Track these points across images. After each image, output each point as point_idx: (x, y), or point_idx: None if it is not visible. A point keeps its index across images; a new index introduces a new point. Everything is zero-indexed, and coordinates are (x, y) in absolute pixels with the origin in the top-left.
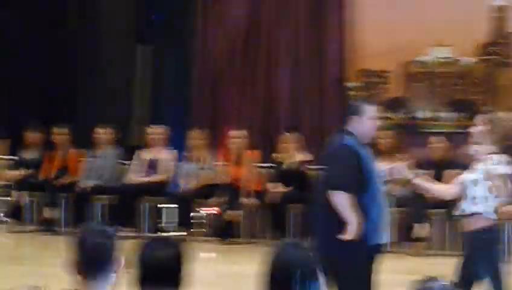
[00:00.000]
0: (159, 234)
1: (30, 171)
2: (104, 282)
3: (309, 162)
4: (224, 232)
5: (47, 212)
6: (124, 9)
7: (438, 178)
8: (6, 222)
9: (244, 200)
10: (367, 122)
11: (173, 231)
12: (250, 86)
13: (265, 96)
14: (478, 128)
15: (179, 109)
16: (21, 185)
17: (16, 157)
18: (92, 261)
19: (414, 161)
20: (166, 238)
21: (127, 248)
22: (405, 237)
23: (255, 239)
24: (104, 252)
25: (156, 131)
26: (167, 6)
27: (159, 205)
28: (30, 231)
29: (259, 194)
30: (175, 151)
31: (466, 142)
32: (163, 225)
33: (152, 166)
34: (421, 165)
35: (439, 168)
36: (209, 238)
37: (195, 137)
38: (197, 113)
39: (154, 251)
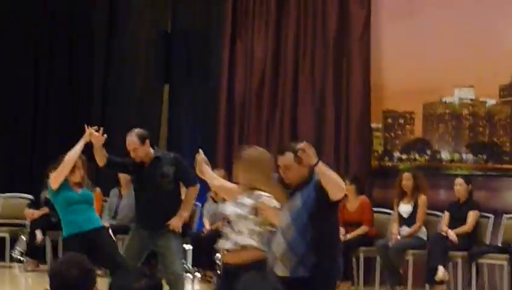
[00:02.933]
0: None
1: (49, 210)
2: None
3: None
4: None
5: None
6: (147, 48)
7: (462, 219)
8: (23, 261)
9: None
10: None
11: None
12: (274, 125)
13: (289, 135)
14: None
15: (203, 148)
16: (40, 224)
17: (33, 197)
18: None
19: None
20: (141, 269)
21: None
22: (427, 279)
23: None
24: (77, 283)
25: None
26: (190, 45)
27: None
28: (47, 270)
29: None
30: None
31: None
32: (186, 265)
33: None
34: (445, 206)
35: (462, 209)
36: None
37: (219, 176)
38: (221, 152)
39: (128, 282)
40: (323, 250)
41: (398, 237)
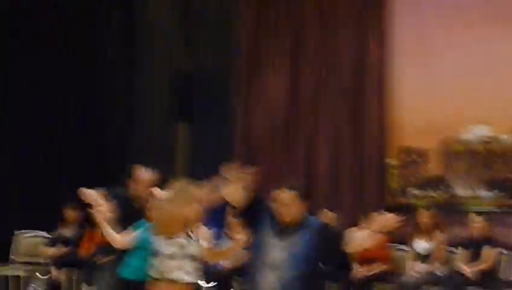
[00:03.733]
0: None
1: (68, 248)
2: None
3: None
4: None
5: None
6: (164, 88)
7: (478, 255)
8: None
9: None
10: None
11: None
12: (291, 163)
13: (305, 174)
14: None
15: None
16: (59, 262)
17: (49, 235)
18: None
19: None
20: None
21: None
22: None
23: None
24: None
25: None
26: (206, 85)
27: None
28: None
29: None
30: (209, 230)
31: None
32: None
33: None
34: (461, 243)
35: (478, 246)
36: None
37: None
38: None
39: None
40: None
41: (414, 273)
